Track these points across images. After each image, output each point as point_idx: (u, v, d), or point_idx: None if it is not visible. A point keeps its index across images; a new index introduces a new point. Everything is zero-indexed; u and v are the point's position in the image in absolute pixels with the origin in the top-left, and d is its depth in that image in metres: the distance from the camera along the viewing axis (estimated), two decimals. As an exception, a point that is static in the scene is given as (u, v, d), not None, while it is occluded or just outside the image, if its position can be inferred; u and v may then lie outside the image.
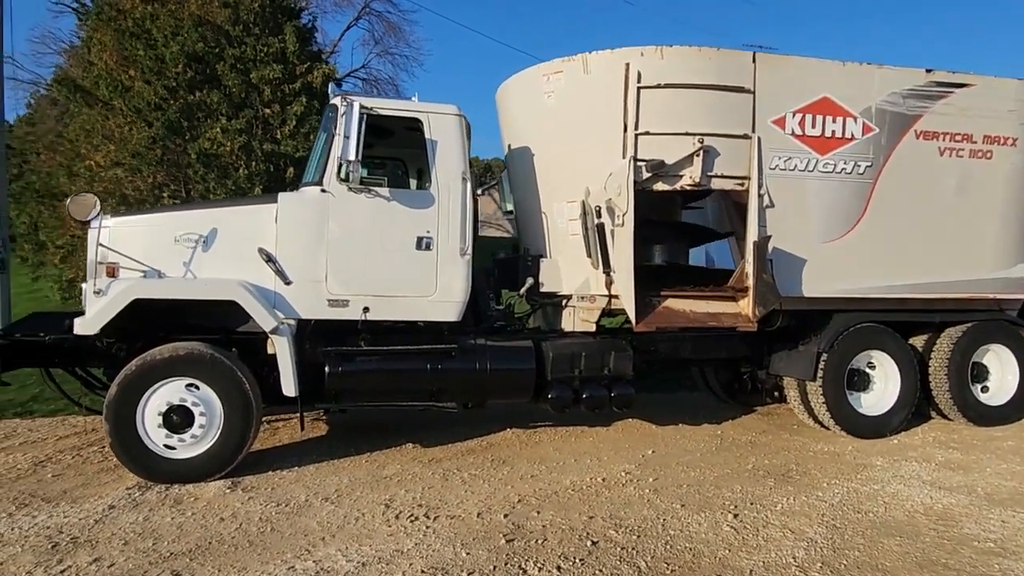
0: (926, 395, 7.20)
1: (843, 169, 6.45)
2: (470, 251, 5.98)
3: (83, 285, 5.44)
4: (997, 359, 7.35)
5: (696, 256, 7.98)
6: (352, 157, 5.42)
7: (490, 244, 9.34)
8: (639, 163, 5.98)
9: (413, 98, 6.36)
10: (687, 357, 7.29)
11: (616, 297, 6.23)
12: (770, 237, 6.11)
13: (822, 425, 6.96)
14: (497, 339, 6.26)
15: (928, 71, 6.61)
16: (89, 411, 6.15)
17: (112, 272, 5.42)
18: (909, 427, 7.06)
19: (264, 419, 7.14)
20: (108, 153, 14.36)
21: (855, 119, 6.43)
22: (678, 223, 7.26)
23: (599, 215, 6.09)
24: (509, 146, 7.17)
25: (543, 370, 6.17)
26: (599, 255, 6.13)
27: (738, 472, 5.76)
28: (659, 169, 5.93)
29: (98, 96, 15.14)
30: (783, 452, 6.39)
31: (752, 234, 6.16)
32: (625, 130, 6.05)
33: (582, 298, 6.46)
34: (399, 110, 6.02)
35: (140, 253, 5.51)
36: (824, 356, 6.67)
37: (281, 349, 5.45)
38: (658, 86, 6.00)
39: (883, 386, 6.95)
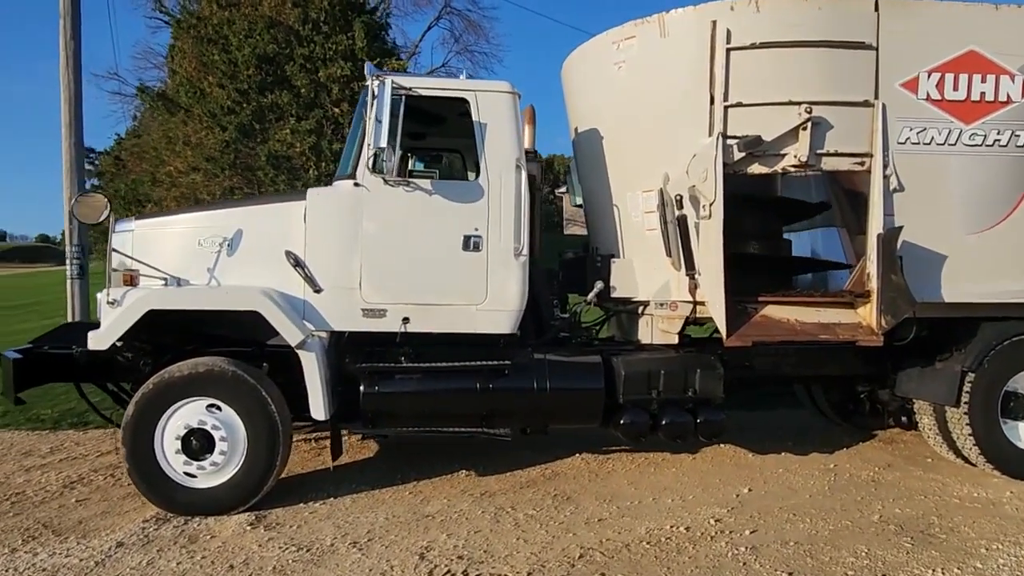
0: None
1: (996, 141, 5.11)
2: (526, 251, 5.11)
3: (99, 295, 4.97)
4: None
5: (800, 249, 6.75)
6: (384, 144, 4.67)
7: (560, 243, 8.43)
8: (729, 141, 4.91)
9: (461, 76, 5.56)
10: (790, 374, 6.12)
11: (702, 304, 5.19)
12: (900, 229, 4.88)
13: (966, 461, 5.62)
14: (560, 353, 5.36)
15: (1112, 11, 5.15)
16: (119, 427, 5.72)
17: (130, 280, 4.92)
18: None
19: (308, 437, 6.57)
20: (186, 159, 14.52)
21: (1012, 77, 5.08)
22: (775, 200, 5.98)
23: (680, 206, 5.07)
24: (576, 130, 6.24)
25: (614, 390, 5.22)
26: (680, 254, 5.11)
27: (861, 525, 4.59)
28: (755, 147, 4.85)
29: (179, 103, 15.39)
30: (918, 497, 5.12)
31: (876, 225, 4.96)
32: (712, 102, 5.00)
33: (661, 305, 5.44)
34: (441, 89, 5.23)
35: (164, 258, 4.99)
36: (970, 376, 5.34)
37: (309, 366, 4.78)
38: (753, 46, 4.91)
39: (1049, 414, 5.53)
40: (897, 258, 4.95)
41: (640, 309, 5.72)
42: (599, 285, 5.59)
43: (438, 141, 6.59)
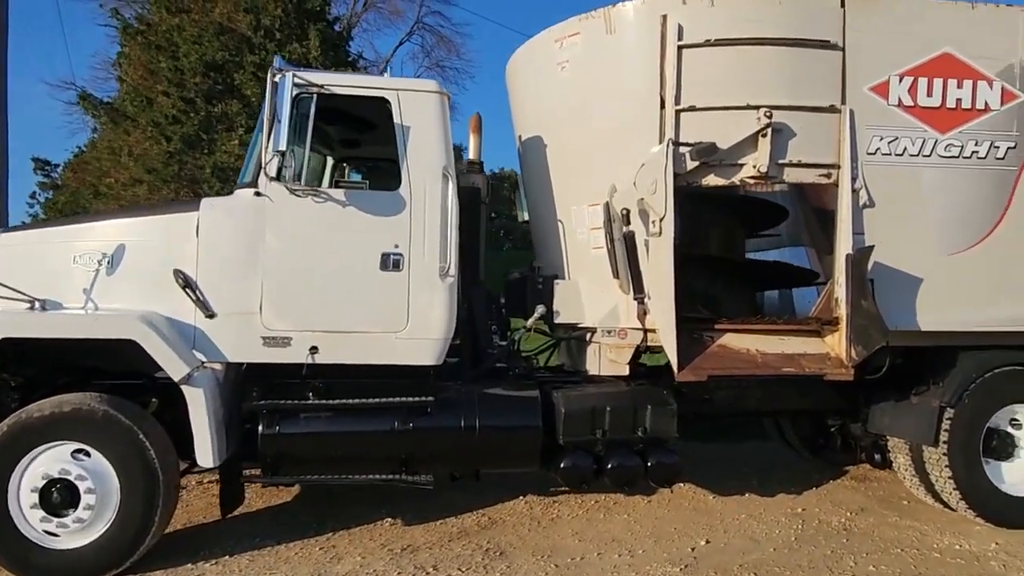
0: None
1: (974, 152, 4.64)
2: (455, 271, 4.50)
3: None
4: None
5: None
6: (283, 147, 4.05)
7: (507, 261, 7.83)
8: (681, 149, 4.37)
9: (385, 74, 4.97)
10: (755, 408, 5.57)
11: (653, 331, 4.61)
12: (871, 249, 4.35)
13: (945, 505, 5.08)
14: (494, 387, 4.74)
15: (1096, 13, 4.73)
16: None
17: (-14, 303, 4.21)
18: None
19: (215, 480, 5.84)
20: (129, 170, 13.74)
21: (990, 83, 4.62)
22: (738, 200, 5.43)
23: (628, 221, 4.51)
24: (520, 138, 5.68)
25: (554, 429, 4.60)
26: (628, 275, 4.54)
27: (831, 587, 4.01)
28: (709, 156, 4.31)
29: (125, 112, 14.63)
30: (894, 550, 4.55)
31: (845, 244, 4.43)
32: (663, 105, 4.46)
33: (609, 332, 4.86)
34: (357, 87, 4.61)
35: (32, 277, 4.28)
36: (949, 412, 4.81)
37: (196, 404, 4.09)
38: (707, 43, 4.39)
39: (1035, 452, 5.02)
40: (868, 281, 4.42)
41: (588, 336, 5.13)
42: (540, 309, 4.99)
43: (375, 150, 5.98)
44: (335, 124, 5.32)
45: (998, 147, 4.65)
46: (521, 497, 5.53)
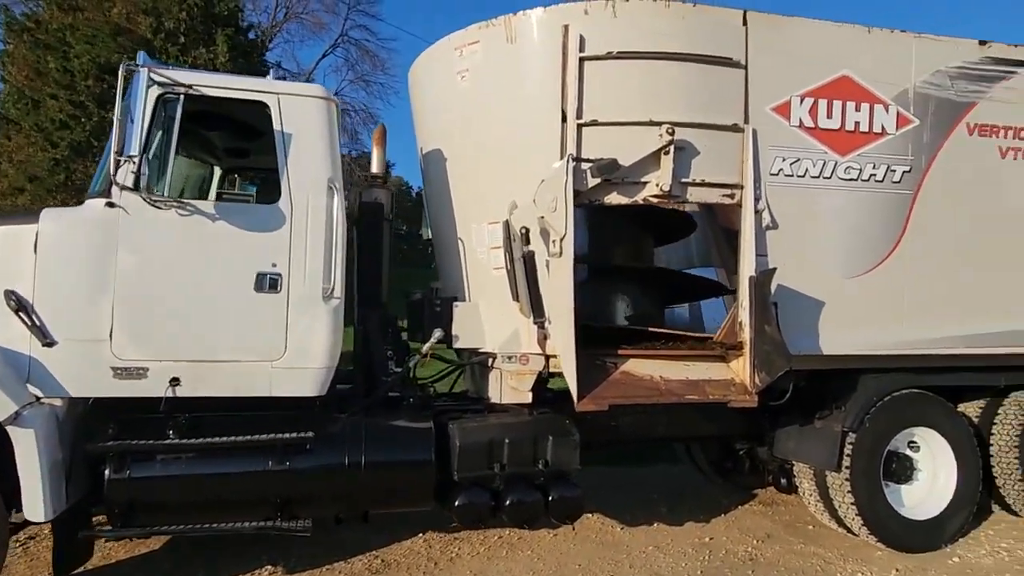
0: (986, 483, 5.26)
1: (872, 175, 4.64)
2: (340, 293, 4.11)
3: None
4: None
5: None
6: (134, 151, 3.59)
7: (409, 279, 7.45)
8: (584, 165, 4.16)
9: (269, 75, 4.56)
10: (663, 435, 5.40)
11: (555, 356, 4.35)
12: (774, 271, 4.25)
13: (848, 530, 5.02)
14: (385, 419, 4.35)
15: (982, 43, 4.85)
16: None
17: None
18: (965, 529, 5.13)
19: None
20: (9, 178, 12.60)
21: (887, 107, 4.65)
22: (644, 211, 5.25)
23: (527, 240, 4.25)
24: (421, 150, 5.36)
25: (448, 464, 4.25)
26: (528, 297, 4.27)
27: (734, 628, 3.81)
28: (610, 173, 4.11)
29: (6, 115, 13.44)
30: (799, 581, 4.43)
31: (748, 267, 4.32)
32: (564, 119, 4.24)
33: (510, 358, 4.57)
34: (231, 89, 4.17)
35: None
36: (851, 437, 4.76)
37: (24, 448, 3.52)
38: (609, 56, 4.21)
39: (932, 475, 5.04)
40: (772, 305, 4.31)
41: (490, 362, 4.82)
42: (437, 334, 4.64)
43: (263, 159, 5.51)
44: (217, 130, 4.87)
45: (894, 171, 4.67)
46: (420, 535, 5.14)
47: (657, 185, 4.18)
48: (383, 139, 5.44)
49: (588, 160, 4.13)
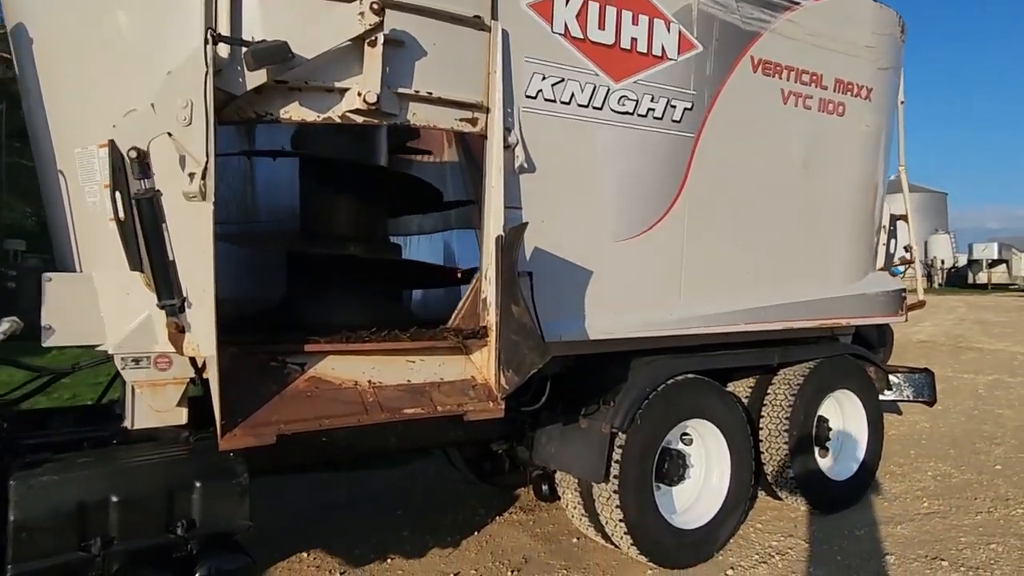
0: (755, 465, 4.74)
1: (650, 111, 3.66)
2: None
3: None
4: (839, 412, 5.16)
5: (424, 257, 4.80)
6: None
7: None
8: (233, 47, 2.58)
9: None
10: (399, 447, 4.10)
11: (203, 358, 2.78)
12: (524, 227, 3.06)
13: (616, 547, 4.16)
14: None
15: (772, -39, 4.09)
16: None
17: None
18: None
19: None
20: None
21: (668, 24, 3.67)
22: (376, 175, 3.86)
23: (146, 172, 2.59)
24: (7, 28, 3.34)
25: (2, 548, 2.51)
26: (149, 264, 2.63)
27: None
28: (277, 61, 2.57)
29: None
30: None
31: (495, 223, 3.07)
32: (207, -20, 2.61)
33: (137, 361, 2.89)
34: None
35: None
36: (621, 439, 3.83)
37: None
38: None
39: (704, 472, 4.34)
40: (527, 276, 3.15)
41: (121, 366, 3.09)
42: (8, 323, 2.82)
43: None
44: None
45: (675, 106, 3.74)
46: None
47: (360, 95, 2.74)
48: None
49: (240, 41, 2.55)
